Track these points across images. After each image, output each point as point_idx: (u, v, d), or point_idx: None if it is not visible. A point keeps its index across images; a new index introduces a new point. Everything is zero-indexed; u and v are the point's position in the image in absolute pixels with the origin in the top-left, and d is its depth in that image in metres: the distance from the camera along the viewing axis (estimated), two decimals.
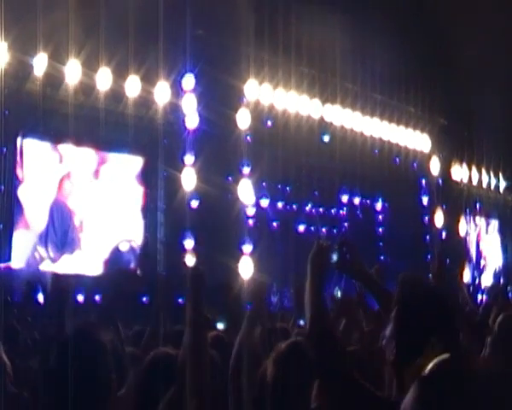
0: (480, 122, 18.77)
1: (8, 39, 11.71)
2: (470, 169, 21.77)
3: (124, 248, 14.03)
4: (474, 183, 22.12)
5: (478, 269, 22.11)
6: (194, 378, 2.73)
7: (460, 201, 21.15)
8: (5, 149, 12.19)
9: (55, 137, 13.18)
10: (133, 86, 13.39)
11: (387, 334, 2.51)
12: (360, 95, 17.01)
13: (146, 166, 14.49)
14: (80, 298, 12.69)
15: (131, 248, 14.18)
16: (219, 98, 14.00)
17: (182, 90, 13.85)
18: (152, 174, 14.29)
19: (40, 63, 12.35)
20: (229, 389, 4.03)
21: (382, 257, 17.28)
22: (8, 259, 12.59)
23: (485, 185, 22.59)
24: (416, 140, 19.18)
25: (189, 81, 13.80)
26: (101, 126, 12.55)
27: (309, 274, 3.01)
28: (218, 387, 4.18)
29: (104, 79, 13.02)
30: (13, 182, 12.80)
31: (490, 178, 22.52)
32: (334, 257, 3.15)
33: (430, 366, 1.82)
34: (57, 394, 2.48)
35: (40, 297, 12.49)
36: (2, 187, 12.30)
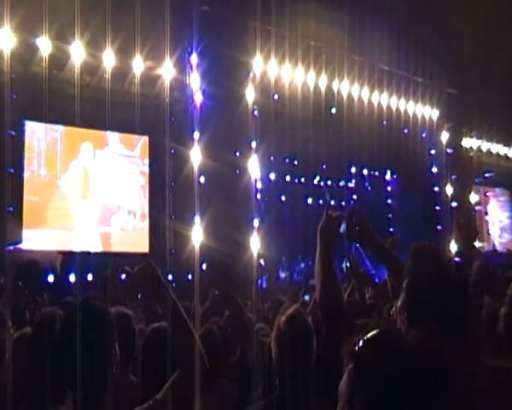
0: (489, 90, 18.58)
1: (12, 21, 11.69)
2: (480, 138, 21.63)
3: None
4: (485, 152, 21.99)
5: (488, 239, 22.06)
6: None
7: (470, 170, 21.01)
8: (13, 132, 12.21)
9: (61, 119, 13.17)
10: (138, 64, 13.35)
11: (398, 304, 2.49)
12: (367, 66, 16.87)
13: (152, 144, 14.52)
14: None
15: None
16: (226, 73, 13.93)
17: (190, 67, 13.79)
18: (158, 152, 14.29)
19: (45, 44, 12.33)
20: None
21: (392, 229, 17.25)
22: (19, 241, 12.69)
23: (495, 154, 22.45)
24: (424, 110, 19.05)
25: (195, 58, 13.75)
26: (107, 106, 12.54)
27: (318, 244, 3.01)
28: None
29: (109, 58, 12.99)
30: (21, 164, 12.87)
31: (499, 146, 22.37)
32: (343, 227, 3.15)
33: (360, 342, 1.83)
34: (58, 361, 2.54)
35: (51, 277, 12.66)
36: (11, 170, 12.36)
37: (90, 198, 13.93)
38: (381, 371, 1.74)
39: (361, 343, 1.82)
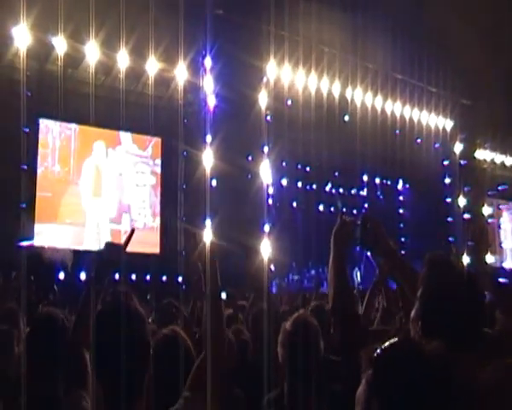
0: (503, 102, 18.50)
1: (28, 20, 11.78)
2: (494, 150, 21.52)
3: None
4: (498, 164, 21.87)
5: (500, 252, 21.91)
6: (214, 350, 2.74)
7: (483, 182, 20.90)
8: (28, 130, 12.28)
9: (76, 117, 13.24)
10: (152, 66, 13.40)
11: (413, 314, 2.47)
12: (380, 74, 16.85)
13: (165, 145, 14.55)
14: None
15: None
16: (239, 78, 13.95)
17: (203, 70, 13.83)
18: (171, 154, 14.32)
19: (60, 43, 12.41)
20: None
21: (403, 238, 17.18)
22: (31, 237, 12.74)
23: (508, 167, 22.32)
24: (438, 120, 18.99)
25: (209, 61, 13.79)
26: (121, 106, 12.58)
27: (332, 250, 2.97)
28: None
29: (123, 58, 13.05)
30: (35, 161, 12.93)
31: None
32: (358, 232, 3.12)
33: (378, 349, 1.84)
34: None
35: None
36: (25, 166, 12.42)
37: (102, 196, 13.98)
38: (400, 379, 1.78)
39: (380, 351, 1.86)
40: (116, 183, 14.20)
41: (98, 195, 13.95)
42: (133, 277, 13.50)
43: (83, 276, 12.43)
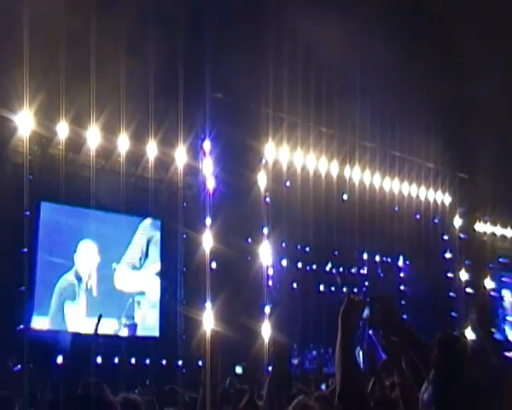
0: (501, 174, 18.63)
1: (32, 106, 11.98)
2: (494, 223, 21.55)
3: None
4: (498, 236, 21.87)
5: (507, 326, 21.69)
6: None
7: (484, 255, 20.85)
8: (28, 213, 12.32)
9: (77, 201, 13.30)
10: (152, 150, 13.57)
11: (425, 397, 2.42)
12: (379, 152, 17.05)
13: (165, 228, 14.57)
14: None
15: None
16: (238, 160, 14.12)
17: (202, 153, 14.00)
18: (171, 236, 14.35)
19: (62, 128, 12.59)
20: None
21: (405, 316, 17.03)
22: (29, 321, 12.66)
23: (509, 239, 22.30)
24: (436, 195, 19.10)
25: (208, 144, 13.97)
26: (122, 189, 12.69)
27: (339, 331, 2.90)
28: None
29: (123, 142, 13.23)
30: (36, 245, 12.93)
31: None
32: (367, 313, 3.04)
33: None
34: None
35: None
36: (26, 250, 12.42)
37: (102, 280, 13.91)
38: None
39: None
40: (117, 268, 14.19)
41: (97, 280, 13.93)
42: (132, 361, 13.36)
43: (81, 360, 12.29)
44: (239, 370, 10.86)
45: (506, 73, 15.12)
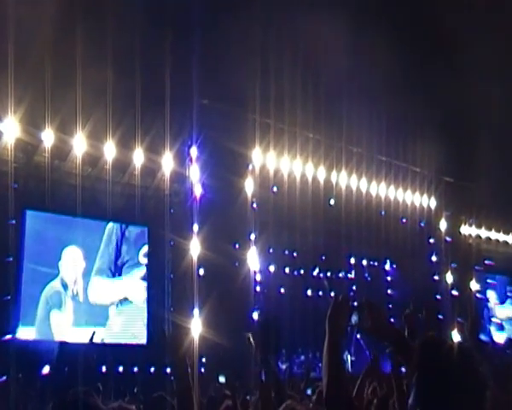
0: (486, 178, 18.75)
1: (17, 113, 11.91)
2: (479, 226, 21.68)
3: None
4: (484, 239, 22.00)
5: (492, 327, 21.83)
6: None
7: (470, 257, 20.97)
8: (14, 221, 12.25)
9: (62, 209, 13.23)
10: (139, 157, 13.53)
11: (410, 400, 2.38)
12: (365, 157, 17.12)
13: (151, 235, 14.52)
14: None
15: None
16: (225, 166, 14.11)
17: (189, 159, 13.98)
18: (158, 243, 14.29)
19: (48, 136, 12.51)
20: None
21: (393, 319, 17.10)
22: (15, 330, 12.56)
23: (494, 241, 22.45)
24: (422, 199, 19.20)
25: (195, 151, 13.95)
26: (108, 197, 12.64)
27: (327, 335, 2.90)
28: None
29: (110, 149, 13.17)
30: (21, 253, 12.84)
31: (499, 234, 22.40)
32: (355, 318, 3.04)
33: None
34: None
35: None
36: (11, 258, 12.34)
37: (87, 288, 13.84)
38: None
39: None
40: (102, 276, 14.11)
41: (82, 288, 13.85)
42: (120, 369, 13.29)
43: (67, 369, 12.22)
44: (222, 379, 10.88)
45: (493, 78, 15.25)
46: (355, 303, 3.01)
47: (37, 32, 10.98)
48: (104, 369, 12.84)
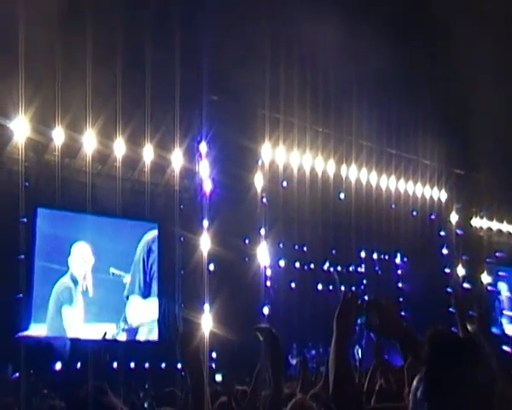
0: (497, 170, 18.66)
1: (27, 112, 11.95)
2: (490, 218, 21.59)
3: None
4: (495, 231, 21.91)
5: (503, 320, 21.76)
6: None
7: (481, 250, 20.89)
8: (25, 220, 12.31)
9: (73, 206, 13.27)
10: (148, 153, 13.55)
11: (419, 395, 2.46)
12: (375, 150, 17.08)
13: (162, 231, 14.55)
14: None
15: None
16: (235, 161, 14.12)
17: (199, 155, 14.00)
18: (168, 239, 14.32)
19: (58, 134, 12.55)
20: None
21: (403, 312, 17.07)
22: (27, 327, 12.66)
23: (505, 233, 22.35)
24: (432, 192, 19.14)
25: (205, 147, 13.97)
26: (118, 193, 12.69)
27: (335, 332, 2.91)
28: None
29: (119, 147, 13.21)
30: (33, 251, 12.91)
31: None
32: (363, 318, 3.08)
33: None
34: None
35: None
36: (22, 256, 12.41)
37: (98, 285, 13.90)
38: None
39: None
40: (113, 273, 14.16)
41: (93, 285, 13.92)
42: (132, 365, 13.35)
43: (79, 365, 12.33)
44: (218, 377, 10.91)
45: (506, 69, 15.16)
46: (365, 297, 3.01)
47: (46, 32, 11.00)
48: (115, 365, 12.91)
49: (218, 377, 11.14)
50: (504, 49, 14.34)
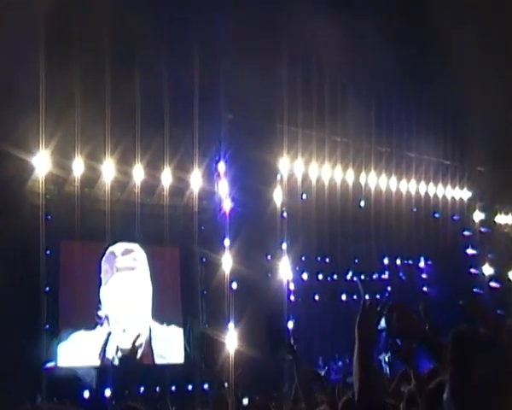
0: None
1: (48, 147, 12.07)
2: None
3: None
4: None
5: None
6: None
7: (506, 247, 20.63)
8: (49, 252, 12.47)
9: (95, 236, 13.34)
10: (167, 177, 13.64)
11: (445, 396, 2.35)
12: (394, 155, 17.02)
13: (182, 253, 14.58)
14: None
15: None
16: (253, 177, 14.13)
17: (217, 175, 14.05)
18: (189, 261, 14.36)
19: (78, 165, 12.67)
20: None
21: (430, 316, 16.95)
22: (54, 359, 12.79)
23: None
24: (454, 192, 19.00)
25: (223, 166, 14.03)
26: (137, 220, 12.81)
27: (357, 340, 2.92)
28: None
29: (138, 173, 13.32)
30: (57, 283, 13.05)
31: None
32: (383, 323, 3.07)
33: None
34: None
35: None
36: (48, 288, 12.59)
37: (122, 311, 13.96)
38: None
39: None
40: (137, 298, 14.23)
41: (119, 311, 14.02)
42: (157, 389, 13.39)
43: (107, 393, 12.47)
44: (245, 401, 10.93)
45: None
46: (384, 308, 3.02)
47: (65, 65, 11.14)
48: (142, 389, 13.02)
49: (245, 401, 11.16)
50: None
